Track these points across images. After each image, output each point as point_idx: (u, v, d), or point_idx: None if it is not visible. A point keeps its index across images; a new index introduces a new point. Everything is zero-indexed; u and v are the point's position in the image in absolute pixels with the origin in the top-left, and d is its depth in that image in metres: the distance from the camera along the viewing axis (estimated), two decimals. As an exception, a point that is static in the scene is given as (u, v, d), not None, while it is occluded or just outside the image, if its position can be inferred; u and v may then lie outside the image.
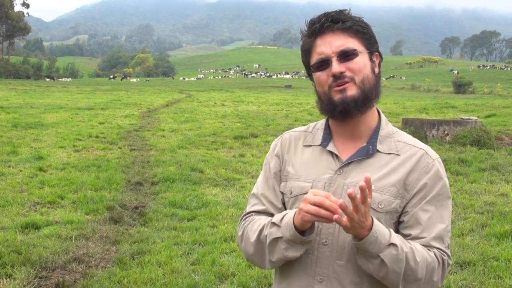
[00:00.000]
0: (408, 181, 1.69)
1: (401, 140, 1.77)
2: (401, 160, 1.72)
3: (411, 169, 1.70)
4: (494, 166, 9.91)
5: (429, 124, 13.02)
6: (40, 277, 4.81)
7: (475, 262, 5.17)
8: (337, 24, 1.68)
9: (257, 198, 1.88)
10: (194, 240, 5.93)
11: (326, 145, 1.78)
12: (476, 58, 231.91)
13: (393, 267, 1.56)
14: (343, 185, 1.70)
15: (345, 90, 1.67)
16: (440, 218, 1.69)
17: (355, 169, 1.72)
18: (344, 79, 1.67)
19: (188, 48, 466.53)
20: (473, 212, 7.08)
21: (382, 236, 1.55)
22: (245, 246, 1.79)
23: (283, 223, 1.64)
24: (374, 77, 1.73)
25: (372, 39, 1.73)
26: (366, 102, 1.70)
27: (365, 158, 1.73)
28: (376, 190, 1.67)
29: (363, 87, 1.68)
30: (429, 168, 1.71)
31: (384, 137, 1.76)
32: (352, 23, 1.68)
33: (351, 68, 1.67)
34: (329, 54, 1.68)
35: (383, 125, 1.79)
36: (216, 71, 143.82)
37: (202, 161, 10.98)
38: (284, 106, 28.53)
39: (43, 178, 9.00)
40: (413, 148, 1.75)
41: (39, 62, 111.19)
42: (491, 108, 23.21)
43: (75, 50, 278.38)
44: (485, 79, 71.12)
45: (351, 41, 1.68)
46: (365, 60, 1.70)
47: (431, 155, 1.74)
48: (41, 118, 18.94)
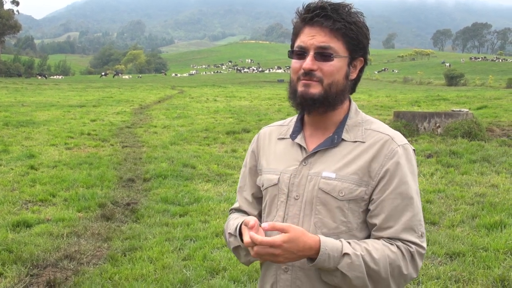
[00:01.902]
0: (371, 168, 1.68)
1: (369, 128, 1.76)
2: (365, 147, 1.71)
3: (374, 155, 1.69)
4: (485, 158, 9.96)
5: (421, 116, 13.06)
6: (31, 275, 4.81)
7: (464, 253, 5.20)
8: (327, 22, 1.65)
9: (237, 194, 2.00)
10: (185, 236, 5.95)
11: (295, 137, 1.81)
12: (467, 50, 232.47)
13: (354, 274, 1.58)
14: (307, 175, 1.73)
15: (308, 86, 1.69)
16: (406, 206, 1.66)
17: (319, 159, 1.73)
18: (312, 77, 1.68)
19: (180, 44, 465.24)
20: (464, 203, 7.12)
21: (334, 250, 1.57)
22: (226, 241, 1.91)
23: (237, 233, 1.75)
24: (344, 83, 1.72)
25: (360, 44, 1.71)
26: (326, 104, 1.70)
27: (330, 148, 1.73)
28: (337, 179, 1.68)
29: (328, 91, 1.68)
30: (393, 153, 1.68)
31: (351, 126, 1.76)
32: (342, 25, 1.65)
33: (323, 69, 1.67)
34: (308, 46, 1.68)
35: (351, 114, 1.78)
36: (209, 66, 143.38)
37: (194, 156, 10.98)
38: (276, 100, 28.51)
39: (35, 176, 8.98)
40: (379, 134, 1.73)
41: (30, 60, 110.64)
42: (482, 100, 23.32)
43: (66, 47, 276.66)
44: (477, 71, 71.31)
45: (334, 42, 1.66)
46: (341, 64, 1.69)
47: (397, 141, 1.71)
48: (33, 116, 18.86)
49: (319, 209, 1.69)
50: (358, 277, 1.58)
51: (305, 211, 1.71)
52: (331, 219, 1.68)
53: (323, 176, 1.70)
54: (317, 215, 1.69)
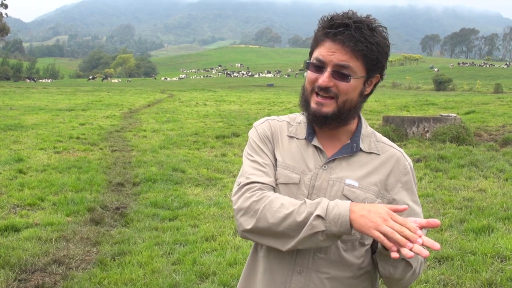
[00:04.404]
0: (388, 182, 1.76)
1: (380, 141, 1.83)
2: (382, 160, 1.78)
3: (391, 169, 1.77)
4: (473, 162, 10.04)
5: (410, 121, 13.14)
6: (19, 280, 4.78)
7: (453, 257, 5.24)
8: (350, 42, 1.63)
9: (261, 168, 1.79)
10: (175, 240, 5.94)
11: (311, 139, 1.81)
12: (456, 56, 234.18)
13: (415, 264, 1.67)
14: (328, 180, 1.74)
15: (322, 105, 1.70)
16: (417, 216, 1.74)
17: (339, 165, 1.76)
18: (327, 92, 1.69)
19: (170, 48, 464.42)
20: (452, 207, 7.17)
21: None
22: (256, 222, 1.66)
23: (330, 217, 1.56)
24: (358, 100, 1.74)
25: (378, 64, 1.70)
26: (338, 120, 1.73)
27: (348, 155, 1.77)
28: (360, 188, 1.73)
29: (342, 108, 1.70)
30: (406, 170, 1.78)
31: (365, 136, 1.81)
32: (365, 46, 1.63)
33: (339, 87, 1.68)
34: (327, 62, 1.67)
35: (363, 124, 1.84)
36: (198, 70, 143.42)
37: (184, 161, 10.97)
38: (266, 105, 28.57)
39: (23, 180, 8.91)
40: (391, 149, 1.82)
41: (19, 63, 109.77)
42: (470, 105, 23.50)
43: (55, 51, 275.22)
44: (465, 76, 71.91)
45: (354, 62, 1.65)
46: (358, 84, 1.70)
47: (406, 157, 1.82)
48: (21, 120, 18.73)
49: None
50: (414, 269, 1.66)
51: None
52: None
53: (347, 184, 1.73)
54: None
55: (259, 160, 1.80)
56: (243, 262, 5.13)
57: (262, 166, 1.79)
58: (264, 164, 1.79)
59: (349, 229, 1.53)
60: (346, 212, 1.54)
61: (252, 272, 1.86)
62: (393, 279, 1.69)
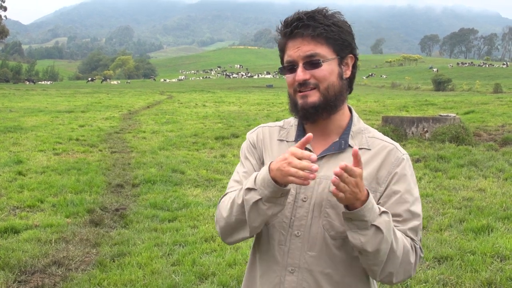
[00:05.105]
0: (379, 175, 1.73)
1: (372, 136, 1.81)
2: (372, 154, 1.76)
3: (382, 162, 1.74)
4: (472, 162, 10.04)
5: (409, 121, 13.15)
6: (19, 281, 4.78)
7: (452, 257, 5.25)
8: (307, 31, 1.68)
9: (238, 179, 1.85)
10: (174, 241, 5.94)
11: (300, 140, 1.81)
12: (455, 56, 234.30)
13: (387, 235, 1.58)
14: (316, 178, 1.72)
15: (306, 97, 1.72)
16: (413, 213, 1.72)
17: (327, 163, 1.75)
18: (308, 86, 1.71)
19: (169, 50, 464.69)
20: (452, 207, 7.17)
21: (375, 205, 1.59)
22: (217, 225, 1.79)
23: (257, 184, 1.62)
24: (340, 83, 1.75)
25: (345, 43, 1.73)
26: (328, 108, 1.73)
27: (337, 152, 1.76)
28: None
29: (326, 94, 1.71)
30: (399, 161, 1.75)
31: (355, 133, 1.80)
32: (323, 29, 1.67)
33: (316, 75, 1.70)
34: (296, 59, 1.71)
35: (355, 121, 1.83)
36: (197, 72, 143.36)
37: (183, 162, 10.97)
38: (265, 106, 28.57)
39: (23, 182, 8.92)
40: (383, 142, 1.79)
41: (18, 66, 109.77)
42: (469, 105, 23.51)
43: (54, 53, 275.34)
44: (464, 76, 71.97)
45: (320, 48, 1.69)
46: (332, 67, 1.72)
47: (400, 150, 1.79)
48: (21, 122, 18.75)
49: (328, 211, 1.71)
50: (387, 241, 1.58)
51: (313, 213, 1.72)
52: (339, 222, 1.69)
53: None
54: (326, 217, 1.71)
55: (240, 171, 1.88)
56: (242, 262, 5.14)
57: (240, 176, 1.85)
58: (244, 172, 1.85)
59: (277, 185, 1.57)
60: (267, 173, 1.59)
61: (252, 276, 1.88)
62: (369, 256, 1.61)
